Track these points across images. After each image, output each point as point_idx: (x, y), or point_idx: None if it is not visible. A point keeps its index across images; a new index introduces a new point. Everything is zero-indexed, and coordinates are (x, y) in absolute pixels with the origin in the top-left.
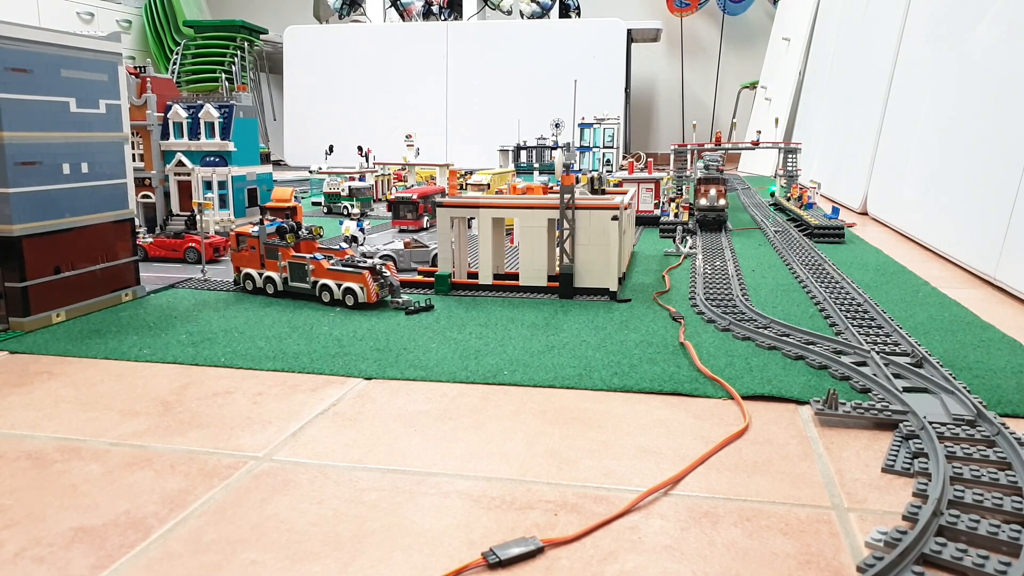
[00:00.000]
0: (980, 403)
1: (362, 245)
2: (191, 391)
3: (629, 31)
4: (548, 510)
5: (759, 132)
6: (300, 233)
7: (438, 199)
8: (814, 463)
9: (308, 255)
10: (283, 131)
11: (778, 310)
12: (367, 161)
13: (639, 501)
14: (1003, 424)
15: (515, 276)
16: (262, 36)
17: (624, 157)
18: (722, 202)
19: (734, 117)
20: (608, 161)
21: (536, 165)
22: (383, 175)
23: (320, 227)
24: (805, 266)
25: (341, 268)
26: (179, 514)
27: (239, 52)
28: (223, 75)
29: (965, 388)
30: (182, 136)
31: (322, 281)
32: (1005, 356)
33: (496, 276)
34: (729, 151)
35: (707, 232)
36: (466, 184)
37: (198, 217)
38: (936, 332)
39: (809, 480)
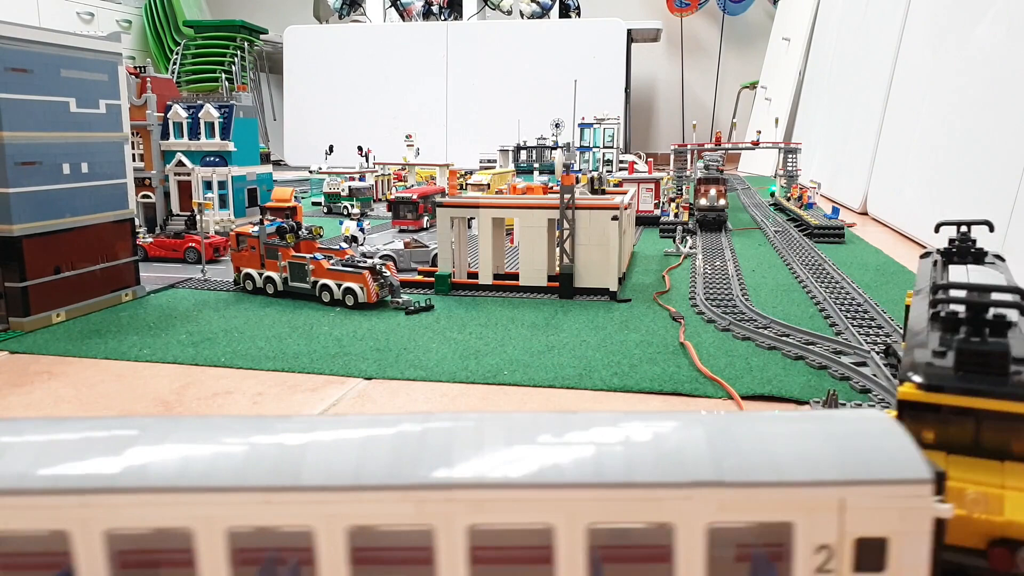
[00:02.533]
0: None
1: (362, 245)
2: (191, 391)
3: (629, 31)
4: None
5: (759, 132)
6: (300, 233)
7: (438, 199)
8: None
9: (308, 255)
10: (283, 131)
11: (778, 310)
12: (367, 161)
13: None
14: None
15: (515, 276)
16: (262, 36)
17: (621, 162)
18: (722, 202)
19: (734, 117)
20: (608, 161)
21: (536, 165)
22: (383, 175)
23: (320, 227)
24: (805, 266)
25: (341, 268)
26: None
27: (239, 52)
28: (223, 75)
29: None
30: (182, 136)
31: (322, 281)
32: None
33: (496, 276)
34: (729, 151)
35: (707, 232)
36: (466, 184)
37: (198, 217)
38: None
39: None
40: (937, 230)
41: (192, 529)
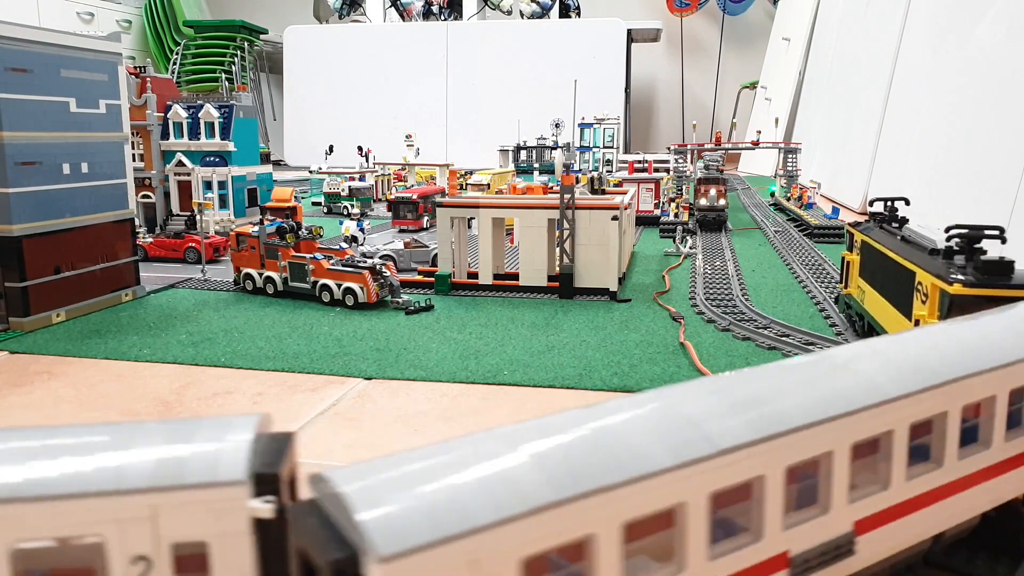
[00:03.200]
0: None
1: (362, 245)
2: (191, 391)
3: (629, 31)
4: None
5: (759, 132)
6: (300, 233)
7: (438, 199)
8: None
9: (308, 255)
10: (283, 131)
11: (778, 310)
12: (367, 161)
13: None
14: None
15: (515, 276)
16: (262, 36)
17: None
18: (722, 202)
19: (734, 117)
20: (608, 161)
21: (536, 165)
22: (383, 175)
23: (320, 227)
24: (805, 266)
25: (341, 268)
26: None
27: (239, 52)
28: (223, 75)
29: None
30: (182, 136)
31: (322, 281)
32: None
33: (496, 276)
34: (729, 151)
35: (707, 232)
36: (466, 184)
37: (198, 217)
38: None
39: None
40: (871, 204)
41: (764, 476)
